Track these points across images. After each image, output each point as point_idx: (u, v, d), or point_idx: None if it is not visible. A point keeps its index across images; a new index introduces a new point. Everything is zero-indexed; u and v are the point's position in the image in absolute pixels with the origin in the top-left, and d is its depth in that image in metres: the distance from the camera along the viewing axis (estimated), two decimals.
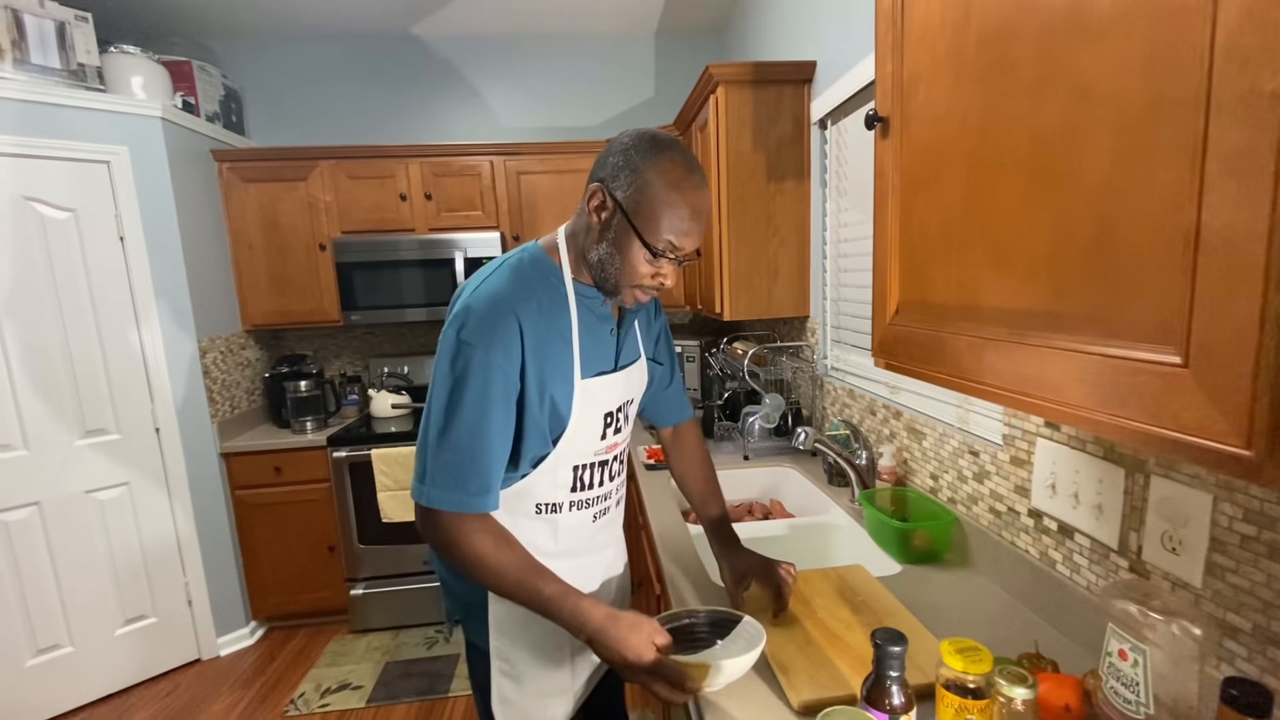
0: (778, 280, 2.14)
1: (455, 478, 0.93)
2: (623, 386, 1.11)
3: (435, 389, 0.94)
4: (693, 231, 0.97)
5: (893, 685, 0.73)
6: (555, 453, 1.03)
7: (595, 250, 0.99)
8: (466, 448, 0.93)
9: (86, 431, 2.32)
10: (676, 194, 0.94)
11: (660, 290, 1.02)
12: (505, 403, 0.95)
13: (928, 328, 0.82)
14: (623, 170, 0.95)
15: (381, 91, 3.12)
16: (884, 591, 1.16)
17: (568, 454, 1.05)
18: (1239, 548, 0.77)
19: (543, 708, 1.13)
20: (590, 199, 0.97)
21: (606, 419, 1.08)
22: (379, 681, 2.43)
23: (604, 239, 0.97)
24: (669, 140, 0.97)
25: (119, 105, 2.30)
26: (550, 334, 0.99)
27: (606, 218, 0.96)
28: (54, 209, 2.21)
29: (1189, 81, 0.45)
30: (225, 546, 2.66)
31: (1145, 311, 0.50)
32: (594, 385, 1.05)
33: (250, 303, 2.84)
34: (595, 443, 1.08)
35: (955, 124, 0.73)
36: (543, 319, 0.98)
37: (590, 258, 1.00)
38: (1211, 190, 0.43)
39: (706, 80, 2.03)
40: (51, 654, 2.30)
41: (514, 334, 0.94)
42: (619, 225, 0.95)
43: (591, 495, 1.12)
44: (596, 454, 1.09)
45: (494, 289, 0.96)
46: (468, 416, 0.92)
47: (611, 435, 1.11)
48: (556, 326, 1.00)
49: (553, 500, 1.08)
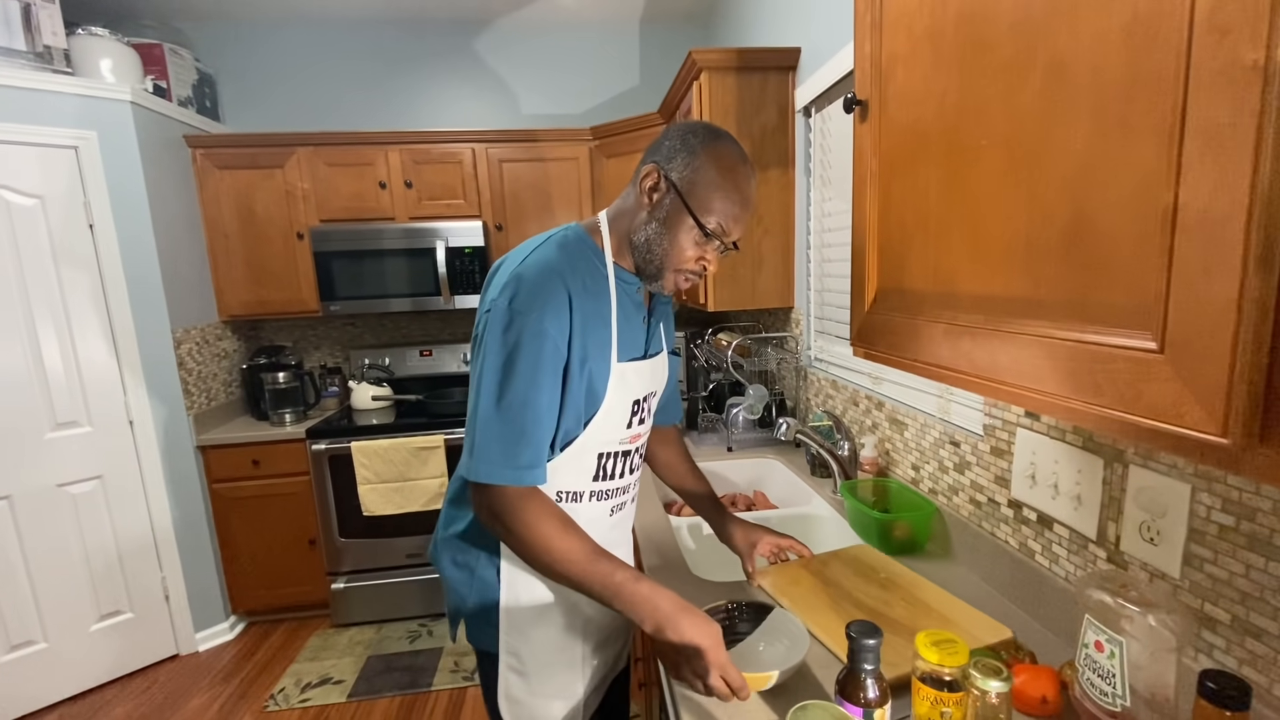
0: (762, 271, 2.12)
1: (508, 450, 0.90)
2: (650, 375, 1.10)
3: (486, 361, 0.91)
4: (741, 219, 0.99)
5: (867, 678, 0.72)
6: (583, 436, 1.00)
7: (644, 230, 0.98)
8: (518, 418, 0.90)
9: (57, 424, 2.27)
10: (730, 179, 0.96)
11: (701, 276, 1.03)
12: (554, 373, 0.93)
13: (905, 315, 0.80)
14: (679, 152, 0.96)
15: (360, 77, 3.06)
16: (900, 567, 1.19)
17: (595, 439, 1.02)
18: (1217, 538, 0.76)
19: (550, 709, 1.09)
20: (643, 180, 0.97)
21: (634, 406, 1.06)
22: (360, 676, 2.41)
23: (654, 219, 0.98)
24: (725, 132, 1.00)
25: (87, 89, 2.23)
26: (593, 311, 0.97)
27: (659, 198, 0.97)
28: (20, 195, 2.15)
29: (1168, 55, 0.43)
30: (203, 540, 2.62)
31: (1121, 296, 0.48)
32: (628, 369, 1.03)
33: (227, 293, 2.78)
34: (621, 430, 1.06)
35: (933, 106, 0.71)
36: (587, 295, 0.96)
37: (636, 239, 1.00)
38: (1190, 168, 0.42)
39: (690, 66, 2.00)
40: (25, 650, 2.26)
41: (564, 303, 0.92)
42: (672, 205, 0.96)
43: (612, 486, 1.09)
44: (621, 443, 1.07)
45: (543, 259, 0.95)
46: (519, 386, 0.90)
47: (636, 425, 1.09)
48: (598, 305, 0.98)
49: (575, 488, 1.04)
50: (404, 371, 3.12)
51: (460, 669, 2.42)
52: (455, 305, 2.83)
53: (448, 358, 3.17)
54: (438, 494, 2.63)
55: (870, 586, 1.13)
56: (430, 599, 2.76)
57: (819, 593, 1.13)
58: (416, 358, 3.15)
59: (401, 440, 2.57)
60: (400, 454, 2.57)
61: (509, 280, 0.92)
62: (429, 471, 2.61)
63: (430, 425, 2.64)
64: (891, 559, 1.23)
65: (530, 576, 1.05)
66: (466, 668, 2.42)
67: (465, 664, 2.45)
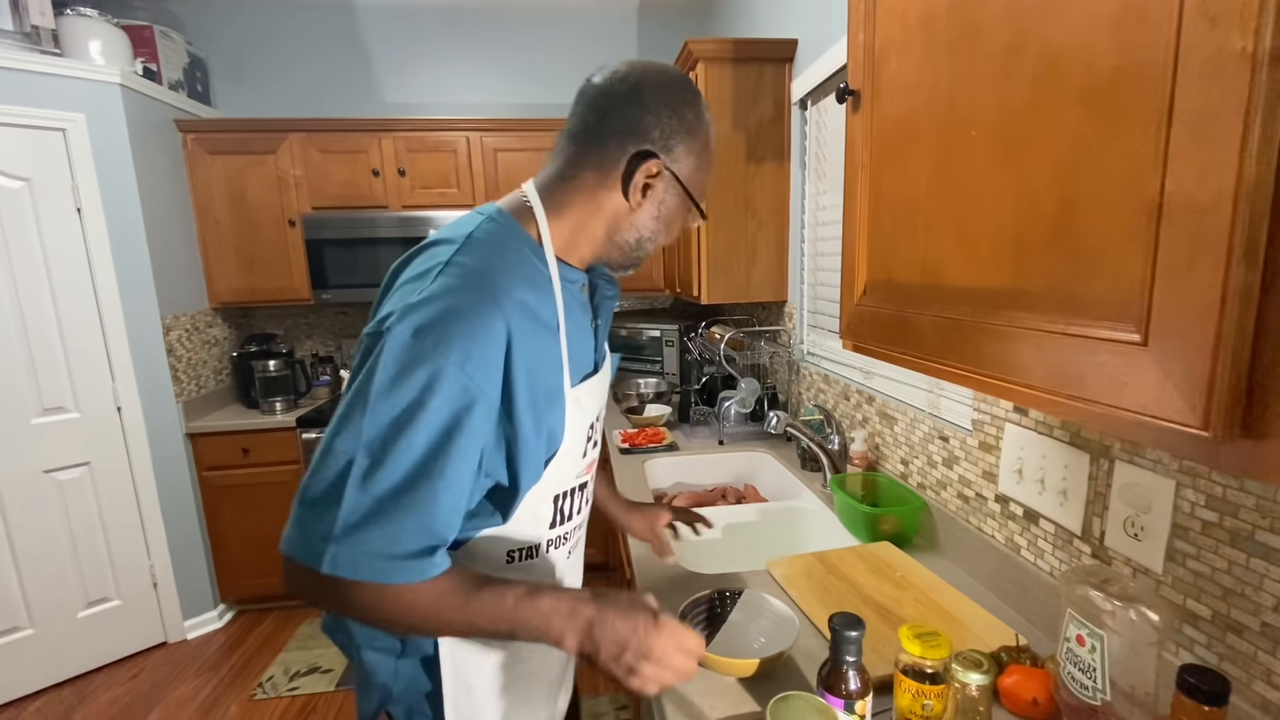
0: (756, 264, 2.12)
1: (389, 534, 0.63)
2: (600, 388, 0.90)
3: (373, 403, 0.64)
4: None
5: (849, 670, 0.72)
6: (539, 484, 0.79)
7: (640, 230, 0.82)
8: (409, 492, 0.64)
9: (44, 410, 2.25)
10: (710, 152, 0.84)
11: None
12: (477, 436, 0.68)
13: (894, 308, 0.80)
14: (678, 135, 0.78)
15: (354, 62, 3.03)
16: (918, 567, 1.19)
17: (552, 482, 0.82)
18: (1200, 534, 0.76)
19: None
20: (638, 175, 0.77)
21: (589, 431, 0.87)
22: (349, 665, 2.41)
23: (652, 215, 0.81)
24: (692, 83, 0.82)
25: (75, 70, 2.20)
26: (538, 334, 0.74)
27: (659, 194, 0.80)
28: (6, 177, 2.12)
29: (1158, 42, 0.42)
30: (192, 528, 2.61)
31: (1107, 288, 0.48)
32: (581, 392, 0.83)
33: (217, 279, 2.76)
34: (578, 462, 0.86)
35: (925, 96, 0.71)
36: (527, 315, 0.72)
37: (626, 238, 0.82)
38: (1176, 157, 0.41)
39: (686, 56, 1.98)
40: (11, 636, 2.25)
41: (500, 343, 0.68)
42: (673, 197, 0.81)
43: (570, 528, 0.90)
44: (578, 476, 0.88)
45: (470, 273, 0.69)
46: (418, 450, 0.64)
47: (591, 450, 0.90)
48: (542, 322, 0.75)
49: (532, 541, 0.84)
50: None
51: None
52: None
53: None
54: None
55: (883, 584, 1.13)
56: None
57: (828, 586, 1.13)
58: None
59: None
60: None
61: (420, 301, 0.66)
62: None
63: None
64: (912, 559, 1.22)
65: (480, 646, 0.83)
66: None
67: None
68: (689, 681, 0.89)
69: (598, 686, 2.25)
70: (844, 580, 1.15)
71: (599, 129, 0.77)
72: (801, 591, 1.12)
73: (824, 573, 1.17)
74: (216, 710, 2.20)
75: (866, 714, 0.73)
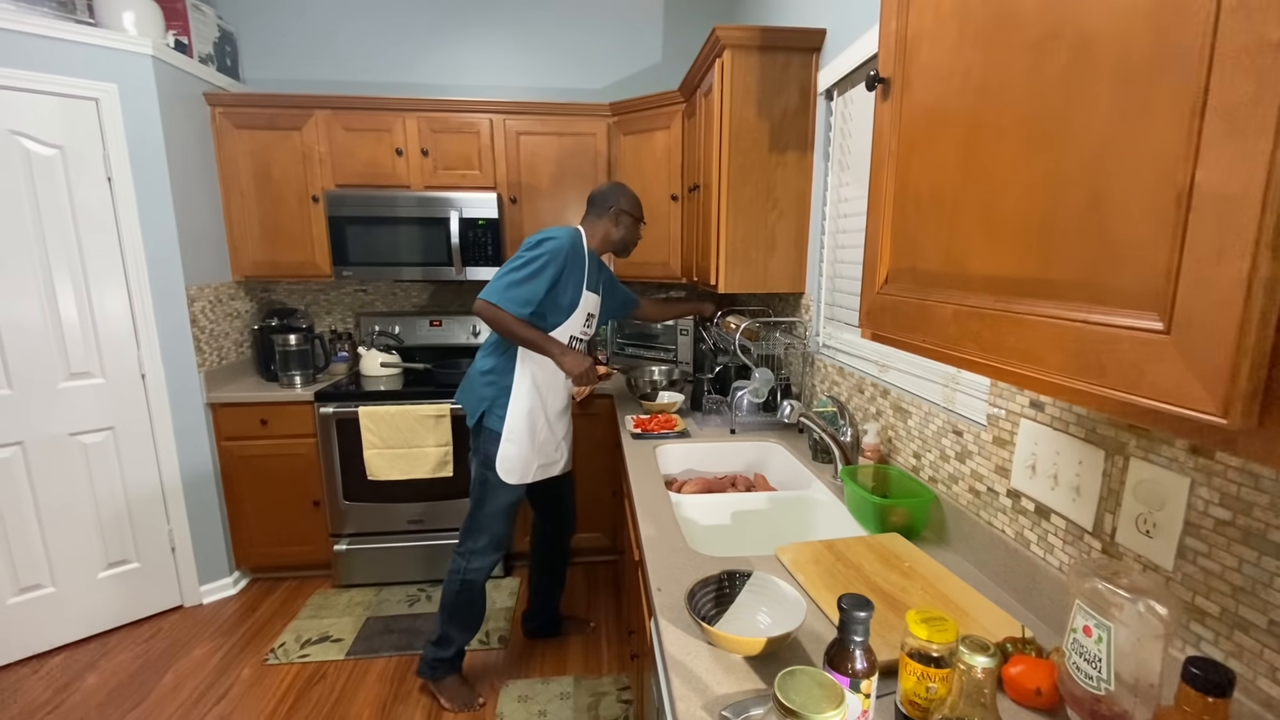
0: (775, 254, 2.12)
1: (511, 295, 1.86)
2: (594, 303, 2.11)
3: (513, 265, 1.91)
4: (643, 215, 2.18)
5: (856, 650, 0.73)
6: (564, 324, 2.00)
7: (621, 235, 2.10)
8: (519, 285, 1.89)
9: (71, 374, 2.31)
10: (638, 203, 2.14)
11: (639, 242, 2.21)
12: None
13: (915, 296, 0.80)
14: (621, 197, 2.08)
15: (380, 41, 3.05)
16: (926, 558, 1.19)
17: (568, 326, 2.01)
18: (1213, 532, 0.77)
19: (527, 462, 2.02)
20: (613, 218, 2.08)
21: (587, 315, 2.09)
22: (359, 635, 2.46)
23: (618, 231, 2.10)
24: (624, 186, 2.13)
25: (109, 40, 2.23)
26: (576, 265, 1.98)
27: (623, 219, 2.09)
28: (40, 145, 2.16)
29: (1193, 31, 0.43)
30: (210, 496, 2.66)
31: (1132, 277, 0.48)
32: (588, 294, 2.05)
33: (241, 252, 2.80)
34: (579, 326, 2.06)
35: (956, 84, 0.71)
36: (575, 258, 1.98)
37: (615, 236, 2.09)
38: (1209, 147, 0.42)
39: (713, 44, 1.98)
40: (33, 593, 2.32)
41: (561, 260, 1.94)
42: (626, 222, 2.09)
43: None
44: (580, 334, 2.09)
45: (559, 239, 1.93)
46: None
47: (586, 329, 2.11)
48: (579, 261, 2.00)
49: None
50: (413, 340, 3.14)
51: None
52: (467, 277, 2.83)
53: (457, 329, 3.18)
54: (442, 462, 2.66)
55: (891, 573, 1.14)
56: (429, 565, 2.80)
57: (836, 573, 1.14)
58: (426, 327, 3.16)
59: (409, 407, 2.60)
60: (407, 421, 2.60)
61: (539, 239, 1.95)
62: (434, 440, 2.64)
63: (437, 394, 2.66)
64: (920, 550, 1.23)
65: (528, 389, 1.99)
66: None
67: None
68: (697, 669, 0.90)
69: (601, 667, 2.29)
70: (852, 568, 1.16)
71: (599, 200, 2.08)
72: (809, 577, 1.13)
73: (832, 560, 1.19)
74: (230, 673, 2.26)
75: (871, 693, 0.74)
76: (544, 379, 2.02)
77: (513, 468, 2.01)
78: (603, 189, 2.08)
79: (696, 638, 0.99)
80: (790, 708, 0.58)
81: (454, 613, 2.05)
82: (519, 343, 1.91)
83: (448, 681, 2.11)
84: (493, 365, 2.01)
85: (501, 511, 2.05)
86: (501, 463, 1.99)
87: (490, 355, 2.04)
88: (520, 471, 2.03)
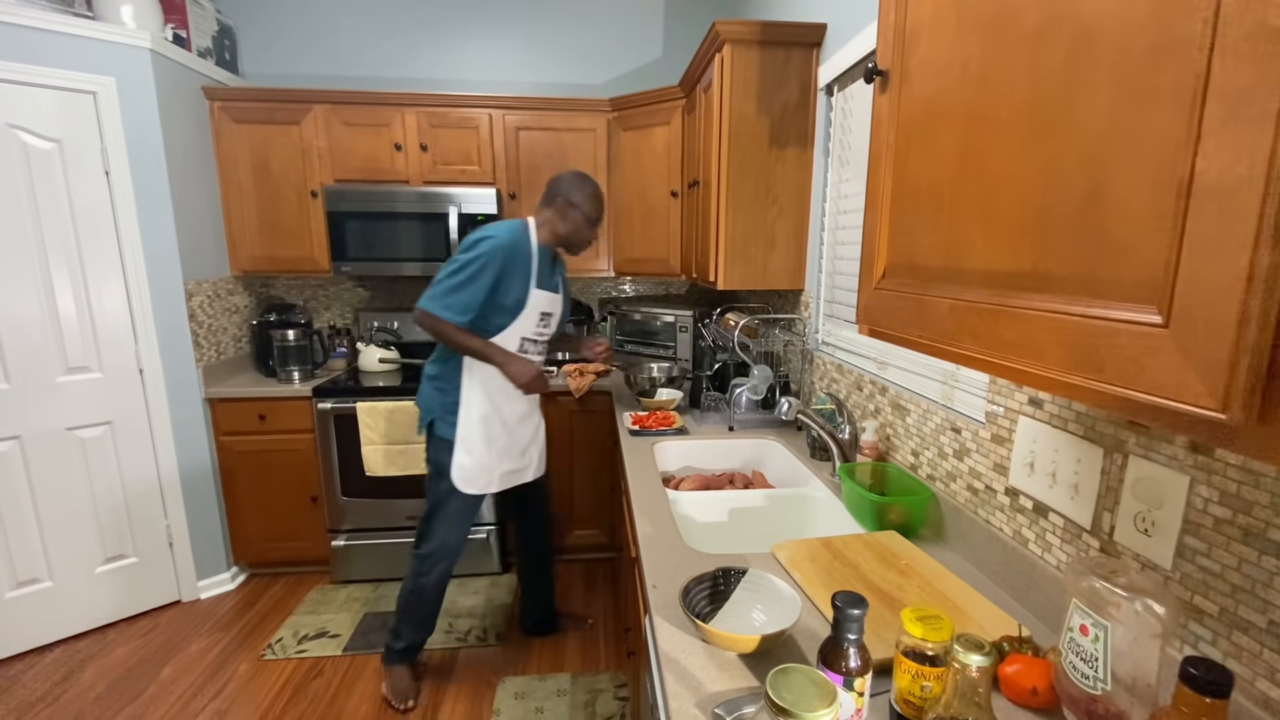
0: (774, 251, 2.11)
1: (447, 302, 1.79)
2: (552, 299, 2.00)
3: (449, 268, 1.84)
4: (600, 211, 2.00)
5: (850, 647, 0.72)
6: (512, 325, 1.91)
7: (565, 231, 1.96)
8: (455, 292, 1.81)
9: (69, 368, 2.30)
10: (594, 201, 1.97)
11: (590, 243, 2.04)
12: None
13: (913, 291, 0.79)
14: (574, 189, 1.93)
15: (380, 33, 3.03)
16: (924, 556, 1.19)
17: (517, 328, 1.92)
18: (1212, 530, 0.76)
19: (488, 470, 1.98)
20: (559, 210, 1.94)
21: (540, 315, 1.97)
22: (357, 631, 2.45)
23: (565, 224, 1.96)
24: (581, 175, 1.97)
25: (107, 34, 2.22)
26: (520, 262, 1.88)
27: (570, 214, 1.94)
28: (38, 138, 2.15)
29: (1194, 19, 0.42)
30: (208, 491, 2.66)
31: (1130, 270, 0.48)
32: (538, 293, 1.94)
33: (240, 247, 2.79)
34: (531, 327, 1.96)
35: (955, 76, 0.70)
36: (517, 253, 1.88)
37: (561, 230, 1.96)
38: (1209, 136, 0.41)
39: (713, 38, 1.96)
40: (31, 587, 2.32)
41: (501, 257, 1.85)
42: (575, 216, 1.94)
43: (527, 358, 1.96)
44: (533, 335, 1.99)
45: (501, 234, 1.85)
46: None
47: (542, 328, 2.00)
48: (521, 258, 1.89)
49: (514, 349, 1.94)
50: (412, 336, 3.13)
51: (454, 630, 2.46)
52: None
53: None
54: None
55: (888, 571, 1.13)
56: None
57: (832, 570, 1.13)
58: None
59: (407, 403, 2.59)
60: (405, 417, 2.59)
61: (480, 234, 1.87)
62: None
63: None
64: (917, 548, 1.22)
65: (479, 396, 1.92)
66: (460, 629, 2.46)
67: (458, 625, 2.49)
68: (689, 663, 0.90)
69: (598, 664, 2.28)
70: (848, 565, 1.15)
71: (551, 188, 1.95)
72: (805, 574, 1.12)
73: (829, 557, 1.18)
74: (227, 668, 2.26)
75: (865, 691, 0.74)
76: (496, 384, 1.95)
77: (472, 476, 1.95)
78: (559, 176, 1.94)
79: (691, 635, 0.98)
80: (782, 706, 0.58)
81: (405, 612, 2.06)
82: (462, 352, 1.85)
83: (395, 671, 2.11)
84: (439, 371, 1.95)
85: (453, 519, 1.99)
86: (458, 472, 1.92)
87: (437, 361, 1.97)
88: (482, 481, 1.97)
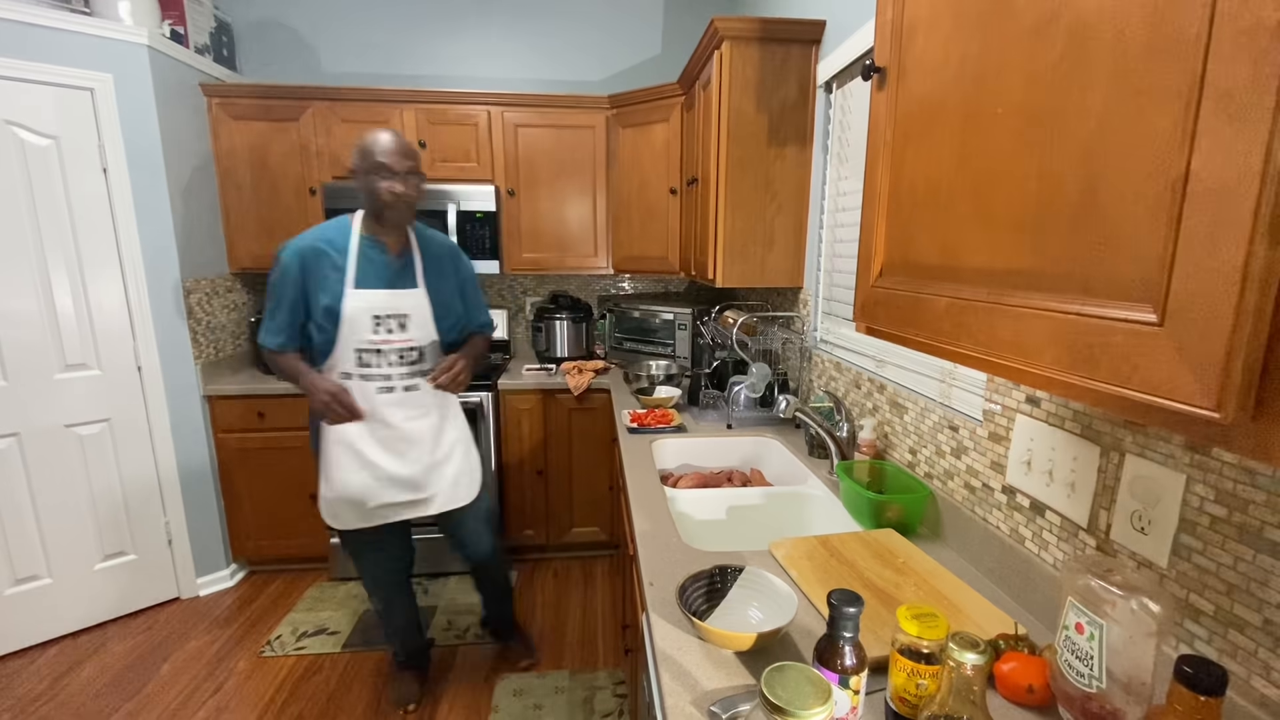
0: (773, 249, 2.10)
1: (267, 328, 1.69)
2: (390, 298, 1.69)
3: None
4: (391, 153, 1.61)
5: (845, 646, 0.72)
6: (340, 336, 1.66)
7: (367, 205, 1.68)
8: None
9: (67, 366, 2.30)
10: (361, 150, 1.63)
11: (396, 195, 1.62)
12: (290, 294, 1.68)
13: (910, 289, 0.79)
14: (355, 156, 1.64)
15: (378, 33, 3.03)
16: (921, 554, 1.18)
17: (345, 339, 1.66)
18: (1208, 529, 0.76)
19: (333, 505, 1.74)
20: (359, 186, 1.66)
21: (374, 319, 1.66)
22: (355, 628, 2.46)
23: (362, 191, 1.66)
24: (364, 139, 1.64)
25: (104, 30, 2.22)
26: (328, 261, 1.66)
27: (357, 182, 1.66)
28: (35, 135, 2.15)
29: (1191, 16, 0.41)
30: (207, 488, 2.66)
31: (1126, 267, 0.47)
32: (363, 293, 1.66)
33: (238, 245, 2.78)
34: (366, 336, 1.66)
35: (951, 73, 0.70)
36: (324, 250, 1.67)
37: (366, 206, 1.68)
38: (1205, 133, 0.41)
39: (712, 35, 1.96)
40: (30, 584, 2.32)
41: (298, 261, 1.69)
42: (358, 179, 1.65)
43: (373, 373, 1.69)
44: (372, 344, 1.67)
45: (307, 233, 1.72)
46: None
47: (384, 333, 1.68)
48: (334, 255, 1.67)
49: (344, 370, 1.68)
50: None
51: (453, 627, 2.46)
52: None
53: None
54: None
55: (885, 569, 1.13)
56: (427, 558, 2.79)
57: (829, 568, 1.14)
58: None
59: None
60: None
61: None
62: None
63: None
64: (915, 546, 1.22)
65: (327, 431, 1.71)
66: (460, 626, 2.47)
67: (459, 622, 2.49)
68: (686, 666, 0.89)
69: (597, 661, 2.28)
70: (845, 563, 1.15)
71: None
72: (802, 572, 1.12)
73: (826, 555, 1.18)
74: (226, 665, 2.26)
75: (860, 689, 0.74)
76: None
77: (333, 511, 1.76)
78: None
79: (687, 633, 0.98)
80: (776, 704, 0.58)
81: (383, 626, 2.11)
82: (285, 379, 1.73)
83: (397, 675, 2.14)
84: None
85: (355, 556, 1.88)
86: (321, 504, 1.77)
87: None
88: (330, 514, 1.77)
